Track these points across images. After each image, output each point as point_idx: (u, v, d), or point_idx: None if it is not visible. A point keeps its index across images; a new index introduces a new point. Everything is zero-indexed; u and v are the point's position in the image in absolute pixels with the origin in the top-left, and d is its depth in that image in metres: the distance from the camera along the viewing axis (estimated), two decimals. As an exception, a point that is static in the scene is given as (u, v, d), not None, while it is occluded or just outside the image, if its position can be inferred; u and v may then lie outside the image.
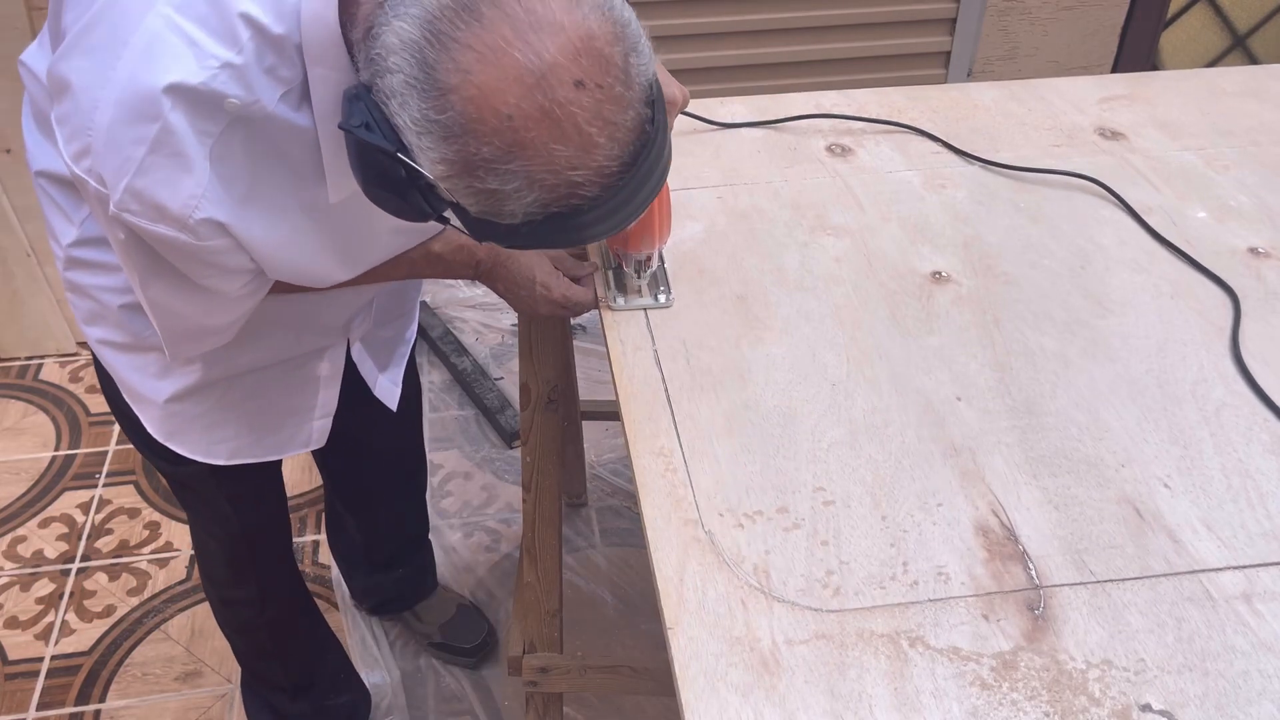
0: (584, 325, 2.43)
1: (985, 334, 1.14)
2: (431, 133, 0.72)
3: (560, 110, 0.70)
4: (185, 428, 1.18)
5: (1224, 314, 1.17)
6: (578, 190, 0.74)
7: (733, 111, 1.50)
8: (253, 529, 1.40)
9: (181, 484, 1.35)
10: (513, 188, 0.73)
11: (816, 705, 0.81)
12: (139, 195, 0.82)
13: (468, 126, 0.71)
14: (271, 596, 1.50)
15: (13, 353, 2.39)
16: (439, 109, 0.71)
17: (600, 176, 0.74)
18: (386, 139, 0.74)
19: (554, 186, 0.73)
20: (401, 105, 0.72)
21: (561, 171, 0.72)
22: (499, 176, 0.72)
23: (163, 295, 0.96)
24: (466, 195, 0.75)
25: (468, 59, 0.70)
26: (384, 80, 0.73)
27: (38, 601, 1.89)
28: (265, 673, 1.60)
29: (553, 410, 1.30)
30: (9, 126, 2.14)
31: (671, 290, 1.16)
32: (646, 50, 0.76)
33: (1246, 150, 1.44)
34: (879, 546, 0.92)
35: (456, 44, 0.70)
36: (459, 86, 0.70)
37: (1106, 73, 2.65)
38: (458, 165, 0.72)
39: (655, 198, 0.81)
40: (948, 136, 1.45)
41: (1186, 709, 0.81)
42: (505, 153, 0.71)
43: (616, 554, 2.00)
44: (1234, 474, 0.99)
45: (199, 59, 0.79)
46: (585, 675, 1.41)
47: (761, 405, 1.05)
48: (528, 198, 0.73)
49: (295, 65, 0.83)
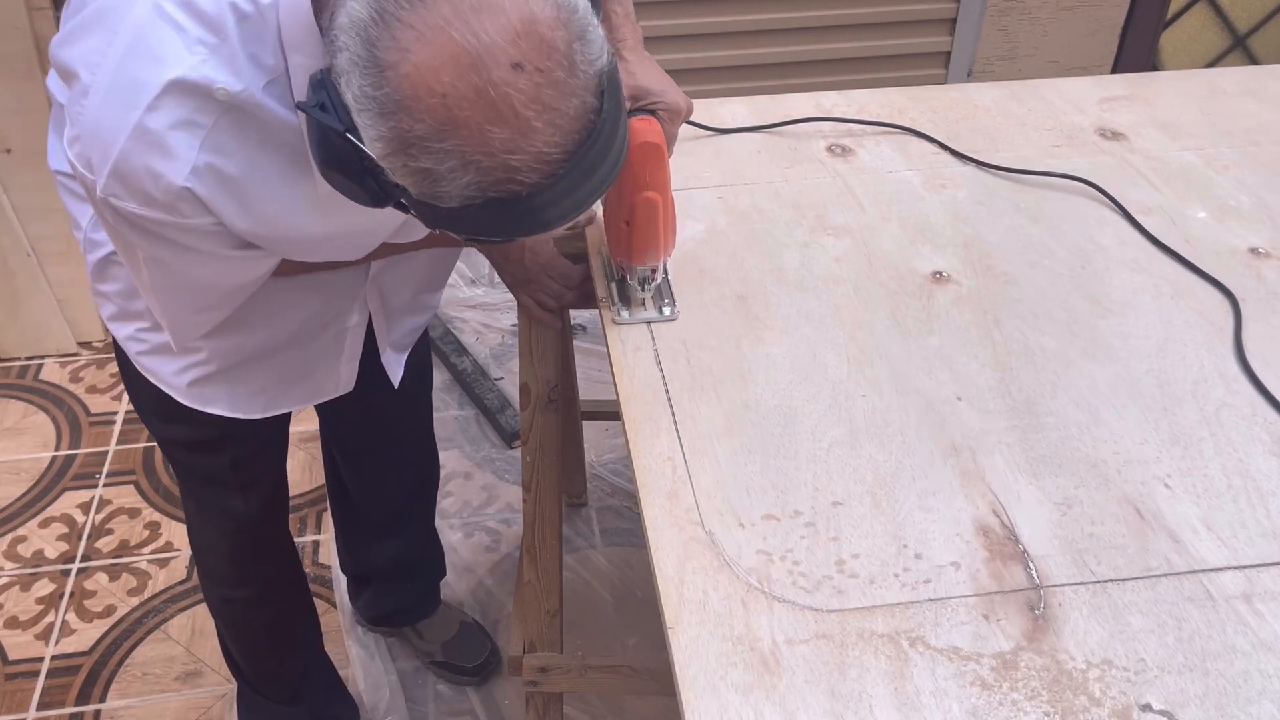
0: (584, 325, 2.43)
1: (985, 334, 1.14)
2: (369, 109, 0.72)
3: (495, 91, 0.70)
4: (215, 394, 1.19)
5: (1224, 314, 1.17)
6: (515, 175, 0.73)
7: (733, 112, 1.50)
8: (259, 522, 1.40)
9: (194, 475, 1.35)
10: (447, 168, 0.72)
11: (817, 705, 0.81)
12: (124, 179, 0.84)
13: (402, 103, 0.71)
14: (271, 595, 1.50)
15: (13, 353, 2.39)
16: (376, 85, 0.71)
17: (539, 163, 0.73)
18: (339, 119, 0.75)
19: (490, 169, 0.73)
20: (348, 83, 0.73)
21: (497, 154, 0.72)
22: (433, 155, 0.72)
23: (159, 276, 0.97)
24: (404, 175, 0.75)
25: (407, 37, 0.70)
26: (337, 60, 0.73)
27: (38, 601, 1.89)
28: (260, 680, 1.60)
29: (553, 410, 1.30)
30: (9, 126, 2.14)
31: (676, 303, 1.15)
32: (597, 40, 0.76)
33: (1246, 150, 1.44)
34: (879, 546, 0.92)
35: (399, 23, 0.70)
36: (397, 64, 0.70)
37: (1106, 73, 2.65)
38: (393, 143, 0.73)
39: (607, 187, 0.80)
40: (948, 137, 1.45)
41: (1187, 709, 0.81)
42: (438, 131, 0.71)
43: (616, 554, 2.00)
44: (1234, 474, 0.99)
45: (186, 45, 0.81)
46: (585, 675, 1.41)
47: (762, 405, 1.05)
48: (462, 179, 0.73)
49: (278, 54, 0.84)
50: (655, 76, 1.09)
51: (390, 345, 1.35)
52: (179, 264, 0.95)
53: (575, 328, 2.37)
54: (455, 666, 1.79)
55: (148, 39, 0.81)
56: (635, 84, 1.08)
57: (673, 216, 1.10)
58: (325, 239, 0.99)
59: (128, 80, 0.81)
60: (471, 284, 2.59)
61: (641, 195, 1.04)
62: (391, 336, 1.35)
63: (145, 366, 1.18)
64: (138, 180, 0.84)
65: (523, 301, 1.25)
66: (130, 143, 0.82)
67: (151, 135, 0.82)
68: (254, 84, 0.83)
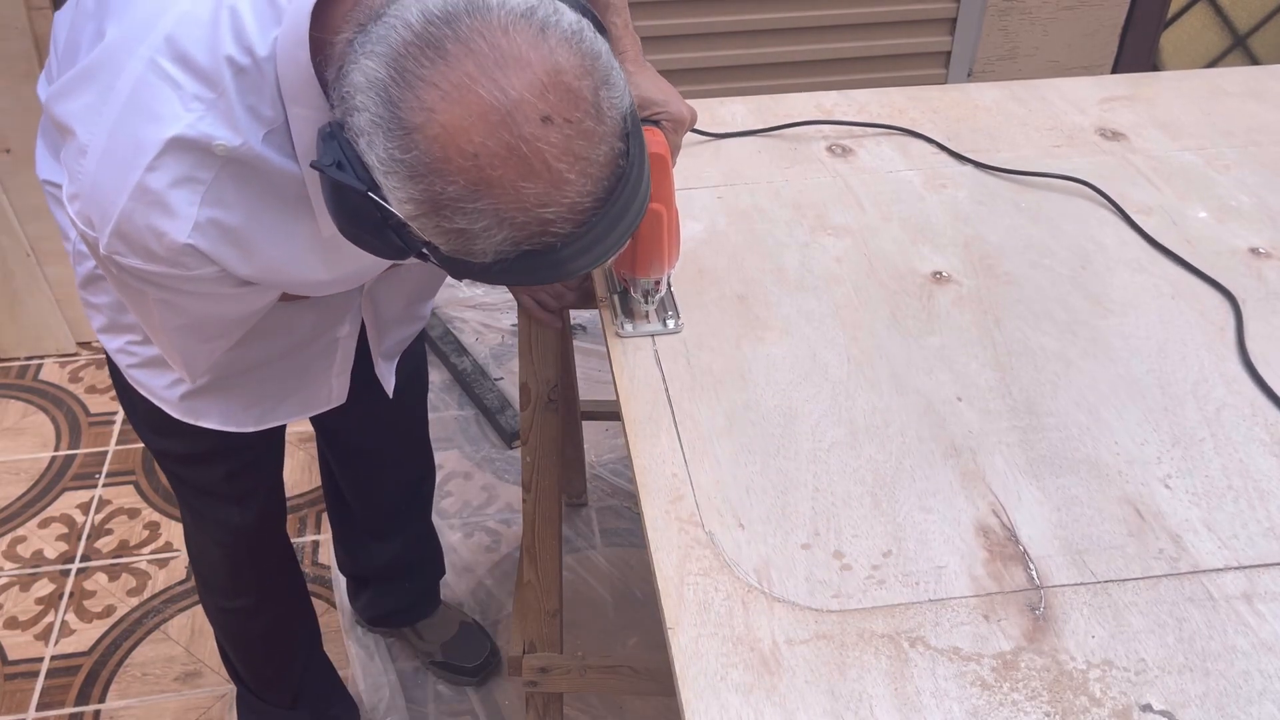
0: (584, 325, 2.43)
1: (986, 334, 1.14)
2: (397, 172, 0.71)
3: (527, 147, 0.69)
4: (208, 407, 1.18)
5: (1225, 314, 1.17)
6: (550, 227, 0.73)
7: (732, 111, 1.50)
8: (255, 533, 1.39)
9: (189, 487, 1.34)
10: (481, 226, 0.72)
11: (817, 705, 0.80)
12: (126, 239, 0.83)
13: (432, 166, 0.70)
14: (270, 603, 1.50)
15: (12, 353, 2.39)
16: (404, 148, 0.70)
17: (573, 213, 0.73)
18: (359, 178, 0.73)
19: (525, 225, 0.72)
20: (369, 144, 0.71)
21: (531, 209, 0.71)
22: (466, 216, 0.71)
23: (169, 317, 0.96)
24: (436, 235, 0.74)
25: (432, 97, 0.69)
26: (353, 118, 0.72)
27: (37, 602, 1.89)
28: (260, 685, 1.60)
29: (552, 410, 1.30)
30: (9, 126, 2.14)
31: (680, 315, 1.14)
32: (620, 83, 0.75)
33: (1247, 150, 1.44)
34: (879, 547, 0.92)
35: (421, 82, 0.69)
36: (423, 125, 0.69)
37: (1107, 73, 2.65)
38: (425, 205, 0.72)
39: (634, 231, 0.80)
40: (948, 137, 1.45)
41: (1187, 709, 0.81)
42: (471, 191, 0.70)
43: (616, 554, 2.00)
44: (1235, 474, 0.99)
45: (183, 101, 0.80)
46: (585, 675, 1.41)
47: (762, 405, 1.05)
48: (497, 236, 0.72)
49: (277, 105, 0.82)
50: (658, 86, 1.08)
51: (382, 355, 1.35)
52: (187, 304, 0.94)
53: (575, 328, 2.37)
54: (455, 667, 1.79)
55: (144, 97, 0.80)
56: (639, 94, 1.06)
57: (676, 228, 1.08)
58: (330, 280, 0.98)
59: (126, 140, 0.80)
60: (472, 284, 2.59)
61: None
62: (383, 346, 1.34)
63: (136, 379, 1.17)
64: (140, 239, 0.83)
65: (523, 302, 1.25)
66: (131, 203, 0.81)
67: (152, 195, 0.81)
68: (253, 136, 0.82)
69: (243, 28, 0.80)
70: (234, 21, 0.80)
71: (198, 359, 1.07)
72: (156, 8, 0.81)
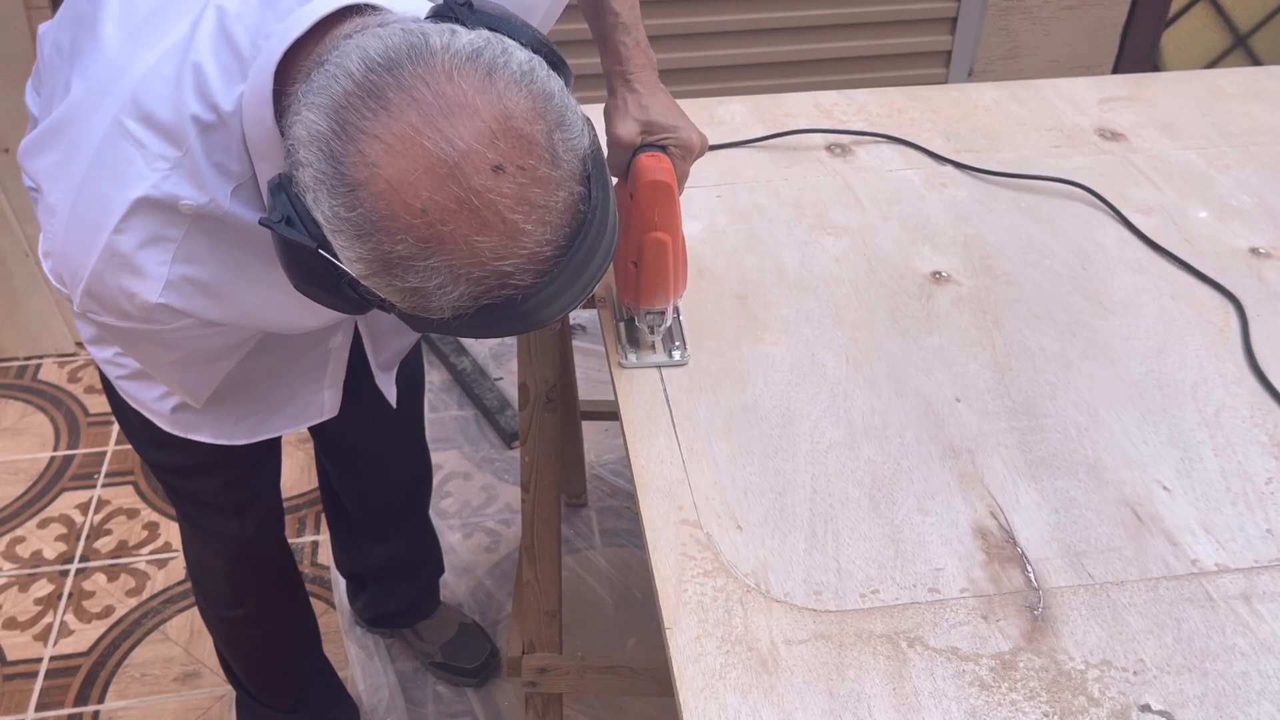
0: (584, 325, 2.43)
1: (985, 335, 1.14)
2: (344, 231, 0.68)
3: (478, 199, 0.66)
4: (199, 420, 1.16)
5: (1225, 315, 1.17)
6: (509, 280, 0.69)
7: (732, 111, 1.50)
8: (254, 542, 1.38)
9: (186, 498, 1.33)
10: (435, 284, 0.68)
11: (815, 705, 0.80)
12: (98, 298, 0.83)
13: (379, 224, 0.67)
14: (270, 610, 1.49)
15: (11, 353, 2.39)
16: (349, 205, 0.67)
17: (533, 263, 0.70)
18: (310, 234, 0.70)
19: (482, 279, 0.69)
20: (315, 201, 0.69)
21: (488, 263, 0.68)
22: (419, 274, 0.68)
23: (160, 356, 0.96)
24: (390, 293, 0.71)
25: (375, 151, 0.66)
26: (299, 173, 0.69)
27: (36, 602, 1.89)
28: (260, 691, 1.59)
29: (551, 410, 1.29)
30: (9, 126, 2.14)
31: (687, 346, 1.10)
32: (576, 123, 0.72)
33: (1247, 150, 1.44)
34: (878, 548, 0.92)
35: (363, 135, 0.66)
36: (367, 181, 0.66)
37: (1107, 72, 2.65)
38: (375, 264, 0.69)
39: (603, 274, 0.76)
40: (948, 137, 1.45)
41: (1186, 709, 0.81)
42: (422, 249, 0.67)
43: (616, 554, 1.99)
44: (1233, 476, 0.99)
45: (147, 161, 0.78)
46: (585, 675, 1.41)
47: (760, 406, 1.05)
48: (454, 292, 0.69)
49: (244, 160, 0.81)
50: (668, 110, 1.04)
51: (380, 366, 1.32)
52: (176, 342, 0.92)
53: (575, 328, 2.37)
54: (454, 667, 1.79)
55: (108, 157, 0.79)
56: (647, 118, 1.03)
57: (683, 257, 1.04)
58: (317, 324, 0.97)
59: (93, 200, 0.79)
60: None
61: (650, 235, 0.99)
62: (380, 358, 1.32)
63: (127, 392, 1.15)
64: (112, 299, 0.83)
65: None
66: (100, 264, 0.80)
67: (120, 256, 0.80)
68: (220, 193, 0.80)
69: (206, 84, 0.78)
70: (198, 79, 0.78)
71: (200, 385, 1.05)
72: (121, 64, 0.80)
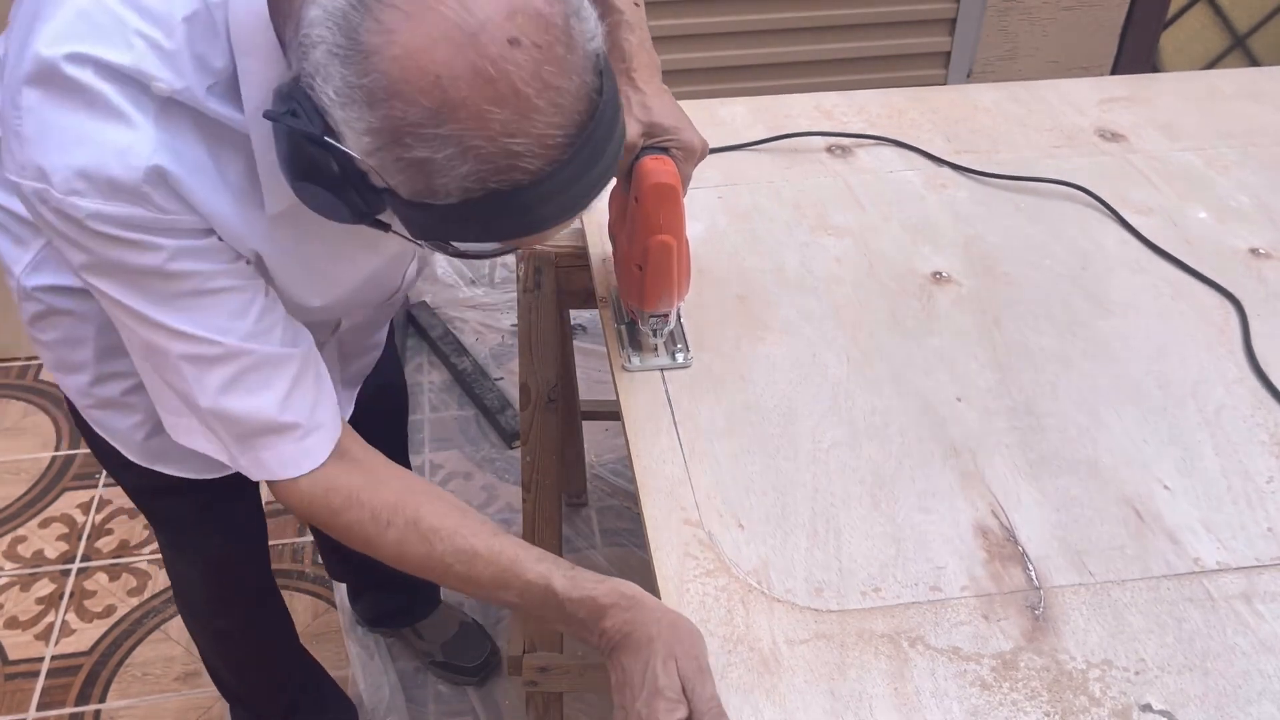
0: (584, 325, 2.43)
1: (985, 334, 1.14)
2: (355, 100, 0.67)
3: (494, 68, 0.65)
4: (169, 450, 1.10)
5: (1225, 315, 1.17)
6: (518, 162, 0.68)
7: (733, 112, 1.50)
8: (235, 556, 1.35)
9: (164, 520, 1.30)
10: (444, 156, 0.67)
11: (817, 705, 0.81)
12: (84, 172, 0.75)
13: (392, 88, 0.66)
14: (254, 621, 1.47)
15: (12, 353, 2.39)
16: (361, 72, 0.66)
17: (542, 147, 0.68)
18: (312, 124, 0.69)
19: (491, 156, 0.67)
20: (325, 79, 0.67)
21: (498, 138, 0.67)
22: (428, 144, 0.67)
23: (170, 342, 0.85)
24: (396, 172, 0.69)
25: (392, 18, 0.65)
26: (309, 59, 0.68)
27: (38, 601, 1.89)
28: (253, 700, 1.59)
29: (552, 410, 1.30)
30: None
31: (690, 349, 1.11)
32: (591, 19, 0.71)
33: (1247, 151, 1.44)
34: (879, 547, 0.92)
35: (381, 4, 0.65)
36: (383, 47, 0.65)
37: (1106, 73, 2.65)
38: (385, 134, 0.67)
39: (607, 180, 0.75)
40: (949, 137, 1.45)
41: (1187, 709, 0.81)
42: (434, 115, 0.66)
43: (617, 554, 2.00)
44: (1234, 475, 0.99)
45: (124, 35, 0.74)
46: (585, 675, 1.41)
47: (762, 405, 1.05)
48: (461, 168, 0.68)
49: (225, 56, 0.77)
50: (671, 112, 1.02)
51: (342, 383, 1.28)
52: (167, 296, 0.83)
53: (576, 328, 2.37)
54: (455, 667, 1.79)
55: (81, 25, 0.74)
56: (650, 119, 1.00)
57: (687, 260, 1.04)
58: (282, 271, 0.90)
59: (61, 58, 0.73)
60: (471, 284, 2.59)
61: (654, 239, 0.98)
62: (344, 375, 1.29)
63: (96, 420, 1.10)
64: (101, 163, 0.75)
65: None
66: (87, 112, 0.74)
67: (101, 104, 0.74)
68: (197, 85, 0.77)
69: None
70: None
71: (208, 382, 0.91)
72: None
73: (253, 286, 0.86)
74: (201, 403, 0.87)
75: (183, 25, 0.76)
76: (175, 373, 0.86)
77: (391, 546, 0.92)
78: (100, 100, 0.74)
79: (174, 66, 0.76)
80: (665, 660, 0.80)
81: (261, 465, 0.91)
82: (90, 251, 0.79)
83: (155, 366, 0.88)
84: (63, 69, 0.73)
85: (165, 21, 0.75)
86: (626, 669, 0.82)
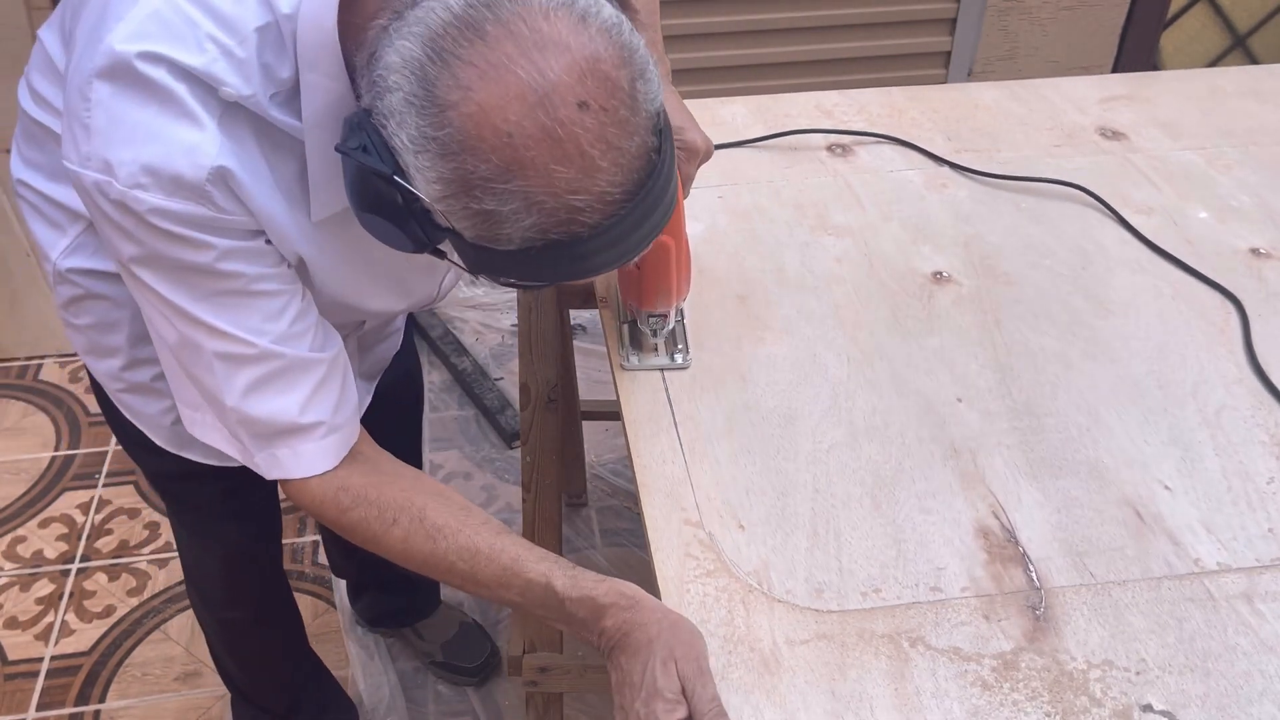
0: (584, 325, 2.43)
1: (986, 335, 1.14)
2: (429, 150, 0.70)
3: (562, 130, 0.69)
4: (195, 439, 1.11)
5: (1225, 316, 1.17)
6: (578, 216, 0.72)
7: (733, 112, 1.50)
8: (252, 546, 1.37)
9: (184, 505, 1.32)
10: (510, 209, 0.71)
11: (817, 705, 0.80)
12: (150, 167, 0.77)
13: (466, 143, 0.69)
14: (265, 613, 1.48)
15: (12, 353, 2.39)
16: (437, 125, 0.69)
17: (602, 203, 0.72)
18: (383, 162, 0.73)
19: (554, 210, 0.71)
20: (400, 124, 0.71)
21: (561, 195, 0.70)
22: (496, 197, 0.70)
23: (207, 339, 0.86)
24: (463, 218, 0.73)
25: (469, 75, 0.68)
26: (383, 101, 0.71)
27: (37, 602, 1.89)
28: (256, 694, 1.59)
29: (552, 410, 1.29)
30: (9, 127, 2.13)
31: (690, 349, 1.11)
32: (654, 78, 0.74)
33: (1248, 150, 1.44)
34: (879, 547, 0.92)
35: (458, 60, 0.69)
36: (459, 103, 0.69)
37: (1107, 72, 2.65)
38: (455, 185, 0.71)
39: (659, 232, 0.78)
40: (949, 136, 1.45)
41: (1188, 709, 0.81)
42: (503, 171, 0.69)
43: (616, 554, 1.99)
44: (1234, 476, 0.99)
45: (197, 40, 0.77)
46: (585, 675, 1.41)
47: (762, 406, 1.05)
48: (525, 221, 0.71)
49: (290, 67, 0.80)
50: (676, 111, 1.04)
51: (361, 375, 1.29)
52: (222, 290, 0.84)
53: (576, 328, 2.37)
54: (455, 667, 1.79)
55: (154, 26, 0.76)
56: None
57: (687, 260, 1.05)
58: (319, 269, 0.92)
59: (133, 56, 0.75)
60: (472, 284, 2.59)
61: None
62: (363, 367, 1.30)
63: (125, 404, 1.12)
64: (167, 159, 0.77)
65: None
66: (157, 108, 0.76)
67: (173, 104, 0.77)
68: (262, 92, 0.80)
69: None
70: None
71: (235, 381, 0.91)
72: None
73: (291, 291, 0.89)
74: (227, 401, 0.89)
75: (255, 35, 0.78)
76: (206, 369, 0.88)
77: (397, 543, 0.93)
78: (171, 99, 0.77)
79: (243, 73, 0.78)
80: (665, 661, 0.81)
81: (277, 464, 0.93)
82: (144, 244, 0.81)
83: (185, 361, 0.89)
84: (136, 66, 0.76)
85: (238, 29, 0.78)
86: (626, 669, 0.83)
